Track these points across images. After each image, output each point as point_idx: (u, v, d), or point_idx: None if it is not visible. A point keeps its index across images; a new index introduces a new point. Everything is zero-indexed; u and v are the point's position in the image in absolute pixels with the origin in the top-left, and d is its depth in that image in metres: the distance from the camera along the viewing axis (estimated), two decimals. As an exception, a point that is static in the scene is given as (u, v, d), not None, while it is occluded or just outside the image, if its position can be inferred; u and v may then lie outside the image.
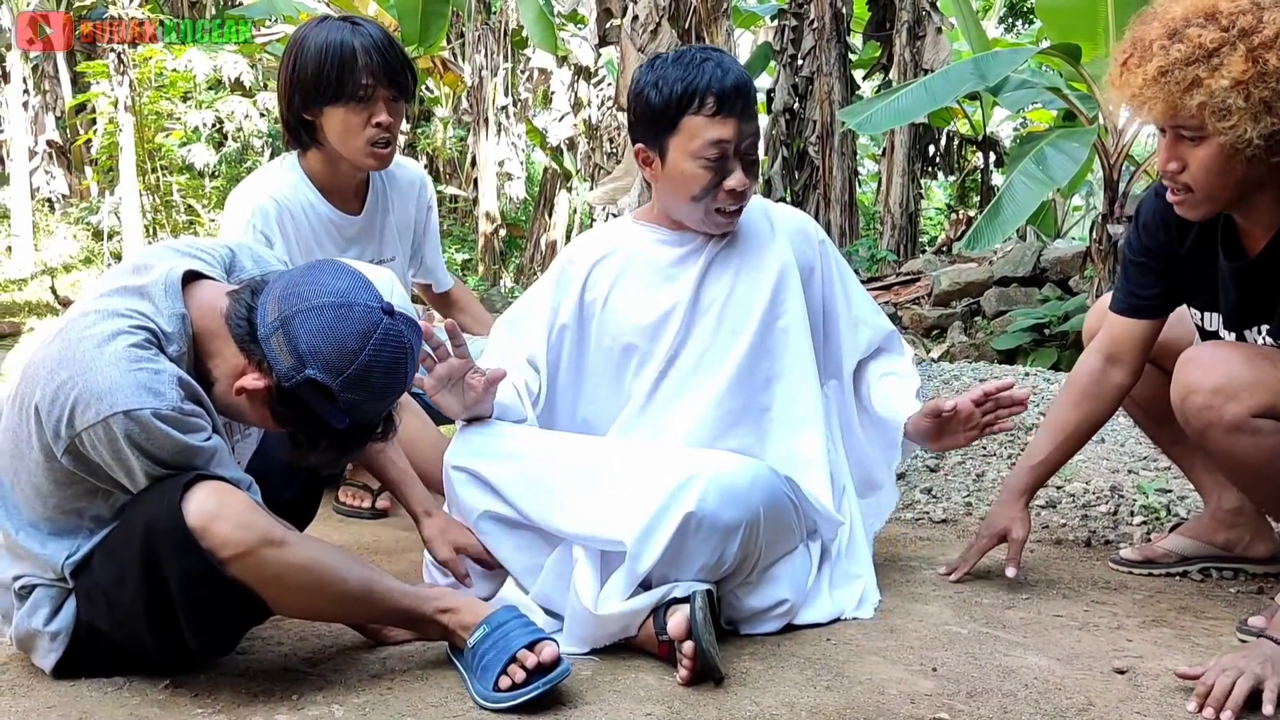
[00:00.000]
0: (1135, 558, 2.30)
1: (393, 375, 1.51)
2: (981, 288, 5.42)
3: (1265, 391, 1.80)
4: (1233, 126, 1.65)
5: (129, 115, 11.70)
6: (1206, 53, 1.65)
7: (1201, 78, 1.65)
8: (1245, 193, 1.77)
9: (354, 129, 2.39)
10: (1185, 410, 1.85)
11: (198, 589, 1.48)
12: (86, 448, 1.47)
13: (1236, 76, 1.63)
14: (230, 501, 1.47)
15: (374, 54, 2.34)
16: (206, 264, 1.64)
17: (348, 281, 1.49)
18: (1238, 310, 1.93)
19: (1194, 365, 1.86)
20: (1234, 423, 1.79)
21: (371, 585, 1.62)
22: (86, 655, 1.63)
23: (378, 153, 2.43)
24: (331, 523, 2.61)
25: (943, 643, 1.86)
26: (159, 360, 1.48)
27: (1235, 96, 1.63)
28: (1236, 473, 1.93)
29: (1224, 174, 1.73)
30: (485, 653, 1.58)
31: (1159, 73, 1.69)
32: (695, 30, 7.26)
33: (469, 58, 13.69)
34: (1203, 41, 1.66)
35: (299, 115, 2.42)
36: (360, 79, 2.34)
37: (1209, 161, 1.72)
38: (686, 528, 1.72)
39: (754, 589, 1.86)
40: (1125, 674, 1.72)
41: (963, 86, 4.62)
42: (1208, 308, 2.00)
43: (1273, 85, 1.63)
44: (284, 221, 2.46)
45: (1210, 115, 1.66)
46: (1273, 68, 1.63)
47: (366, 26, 2.38)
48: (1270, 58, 1.63)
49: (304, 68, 2.36)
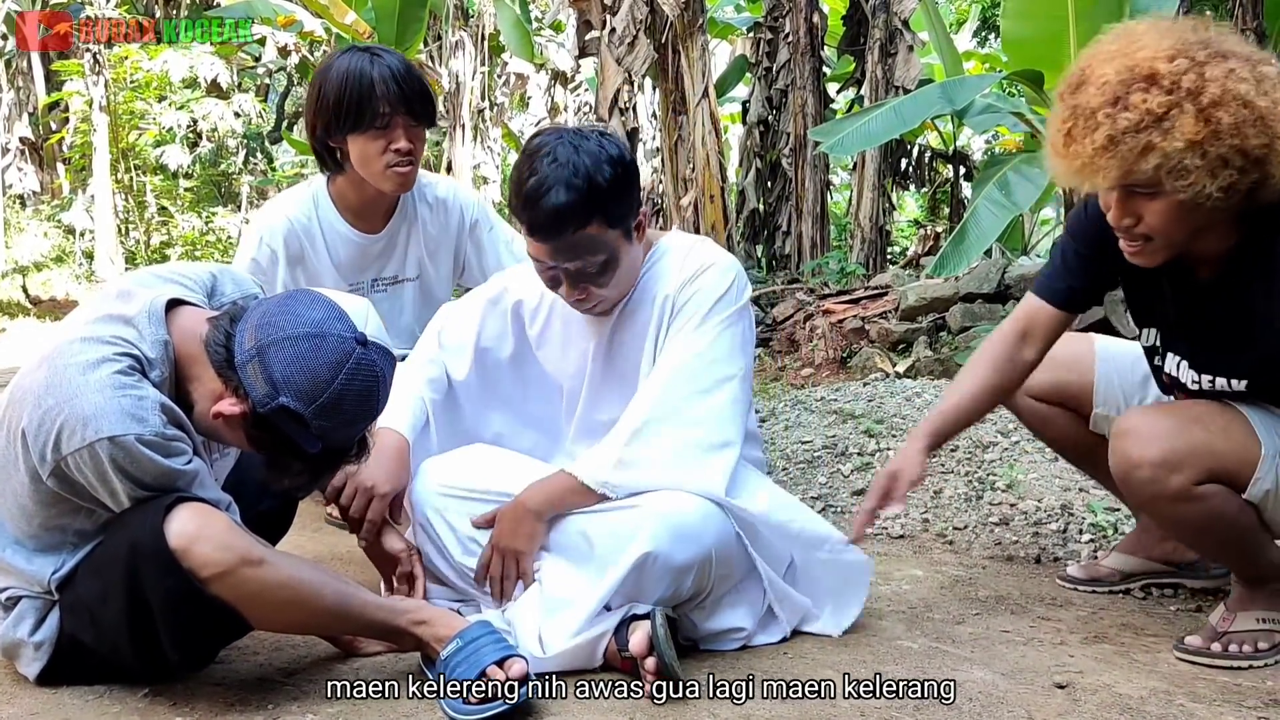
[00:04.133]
0: (1081, 576, 2.39)
1: (364, 403, 1.58)
2: (947, 303, 5.51)
3: (1204, 458, 1.85)
4: (1191, 184, 1.65)
5: (103, 115, 11.66)
6: (1156, 117, 1.64)
7: (1155, 142, 1.64)
8: (1199, 234, 1.79)
9: (374, 154, 2.50)
10: (1130, 483, 1.89)
11: (179, 608, 1.54)
12: (72, 471, 1.53)
13: (1190, 138, 1.63)
14: (211, 523, 1.53)
15: (391, 84, 2.45)
16: (188, 289, 1.70)
17: (322, 312, 1.56)
18: (1170, 335, 1.99)
19: (1134, 438, 1.88)
20: (1179, 493, 1.84)
21: (347, 600, 1.69)
22: (69, 665, 1.69)
23: (398, 174, 2.53)
24: (306, 533, 2.67)
25: (894, 656, 1.94)
26: (142, 386, 1.54)
27: (1192, 157, 1.63)
28: (1183, 535, 1.99)
29: (1183, 223, 1.74)
30: (457, 665, 1.65)
31: (1109, 141, 1.67)
32: (671, 43, 7.36)
33: (446, 62, 13.71)
34: (1150, 107, 1.64)
35: (324, 142, 2.55)
36: (378, 108, 2.45)
37: (1167, 214, 1.72)
38: (642, 565, 1.79)
39: (710, 615, 1.93)
40: (1065, 689, 1.81)
41: (930, 110, 4.74)
42: (1152, 324, 2.04)
43: (1228, 141, 1.63)
44: (294, 241, 2.61)
45: (1167, 176, 1.66)
46: (1226, 125, 1.63)
47: (386, 57, 2.50)
48: (1222, 115, 1.62)
49: (326, 97, 2.49)
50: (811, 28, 8.42)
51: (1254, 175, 1.67)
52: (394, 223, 2.71)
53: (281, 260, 2.60)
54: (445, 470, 2.02)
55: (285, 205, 2.65)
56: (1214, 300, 1.88)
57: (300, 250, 2.63)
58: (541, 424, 2.18)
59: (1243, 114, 1.62)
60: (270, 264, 2.62)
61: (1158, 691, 1.81)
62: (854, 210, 8.52)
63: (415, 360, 2.13)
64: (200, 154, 13.14)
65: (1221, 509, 1.87)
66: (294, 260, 2.63)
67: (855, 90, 9.54)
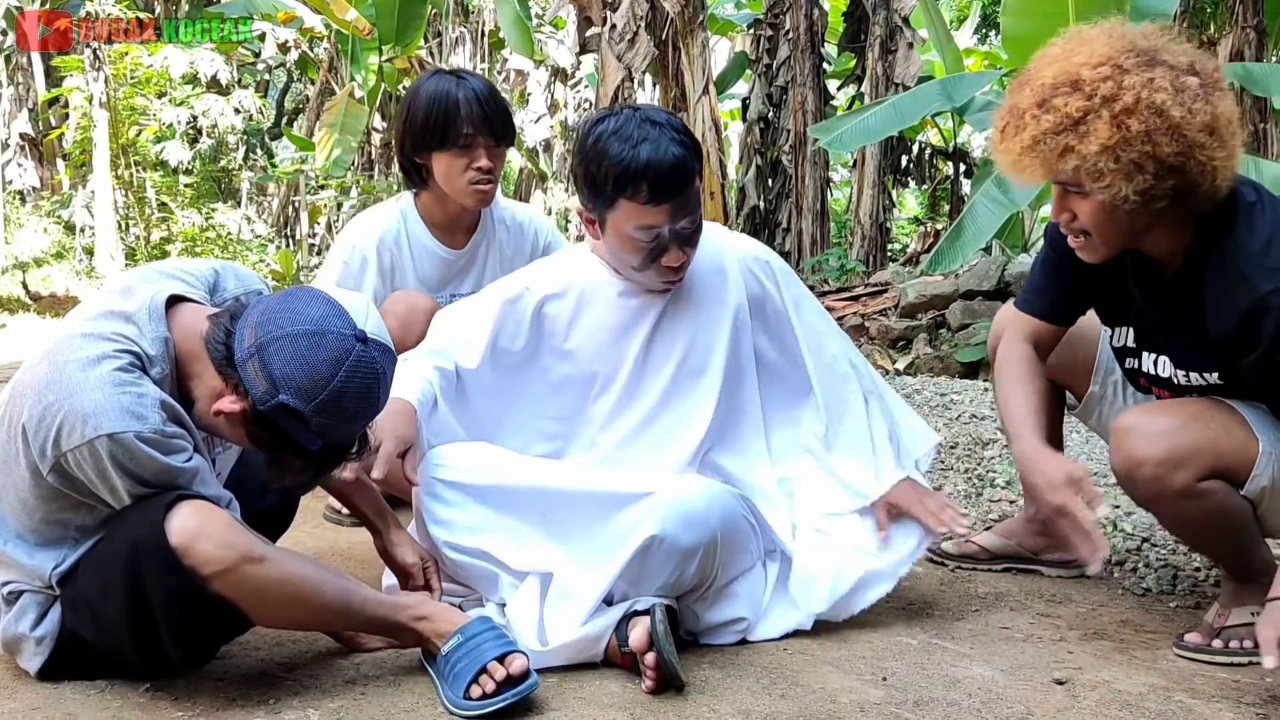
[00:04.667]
0: (953, 552, 2.48)
1: (364, 400, 1.58)
2: (947, 300, 5.52)
3: (1206, 456, 1.86)
4: (1107, 186, 1.73)
5: (103, 111, 11.66)
6: (1073, 121, 1.72)
7: (1072, 145, 1.73)
8: (1139, 233, 1.85)
9: (456, 172, 2.63)
10: (1134, 480, 1.90)
11: (181, 605, 1.54)
12: (72, 467, 1.53)
13: (1104, 142, 1.70)
14: (212, 520, 1.54)
15: (475, 105, 2.58)
16: (190, 286, 1.70)
17: (322, 309, 1.55)
18: (1144, 333, 2.02)
19: (1137, 435, 1.89)
20: (1182, 490, 1.85)
21: (349, 596, 1.69)
22: (70, 660, 1.69)
23: (479, 191, 2.65)
24: (307, 529, 2.67)
25: (893, 653, 1.94)
26: (142, 383, 1.54)
27: (1105, 160, 1.71)
28: (1183, 531, 1.99)
29: (1112, 223, 1.81)
30: (457, 661, 1.65)
31: (1032, 141, 1.77)
32: (672, 40, 7.36)
33: (446, 59, 13.71)
34: (1069, 111, 1.73)
35: (411, 158, 2.68)
36: (462, 128, 2.58)
37: (1095, 213, 1.80)
38: (648, 549, 1.80)
39: (711, 605, 1.94)
40: (1064, 685, 1.82)
41: (930, 106, 4.74)
42: (1124, 324, 2.07)
43: (1139, 148, 1.70)
44: (385, 252, 2.74)
45: (1085, 177, 1.75)
46: (1135, 132, 1.69)
47: (471, 80, 2.64)
48: (1132, 123, 1.69)
49: (415, 117, 2.63)
50: (812, 24, 8.42)
51: (1171, 182, 1.73)
52: (475, 240, 2.83)
53: (372, 267, 2.73)
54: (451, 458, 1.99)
55: (377, 218, 2.78)
56: (1179, 295, 1.91)
57: (390, 263, 2.75)
58: (557, 419, 2.16)
59: (1155, 122, 1.69)
60: (360, 270, 2.73)
61: (1156, 688, 1.81)
62: (854, 207, 8.53)
63: (421, 352, 2.11)
64: (200, 150, 13.14)
65: (1222, 505, 1.88)
66: (384, 271, 2.75)
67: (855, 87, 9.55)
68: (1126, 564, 2.54)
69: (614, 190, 1.92)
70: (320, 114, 12.83)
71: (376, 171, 14.06)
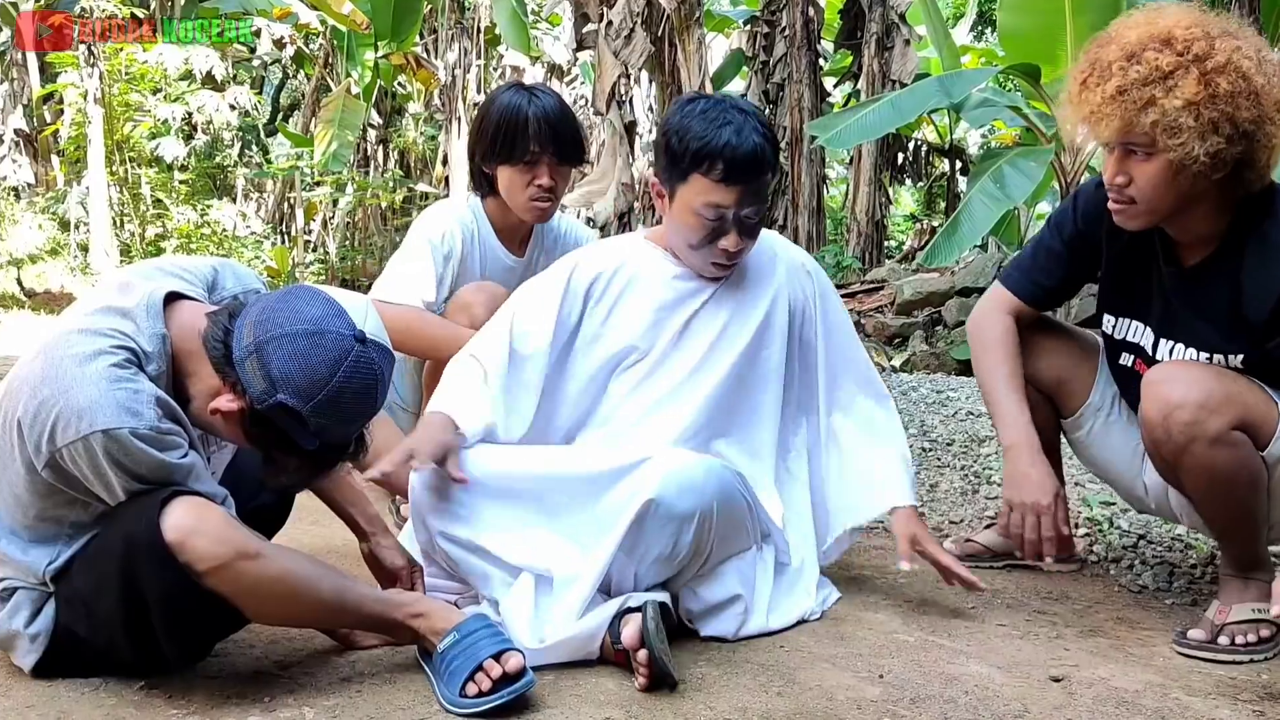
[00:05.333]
0: (955, 551, 2.47)
1: (362, 400, 1.57)
2: (943, 297, 5.52)
3: (1238, 406, 1.90)
4: (1182, 144, 1.79)
5: (98, 107, 11.63)
6: (1163, 74, 1.80)
7: (1157, 97, 1.79)
8: (1183, 206, 1.91)
9: (518, 186, 2.68)
10: (1170, 425, 1.90)
11: (175, 601, 1.53)
12: (67, 463, 1.53)
13: (1189, 98, 1.78)
14: (207, 516, 1.53)
15: (544, 124, 2.63)
16: (188, 283, 1.70)
17: (321, 309, 1.55)
18: (1166, 320, 2.04)
19: (1173, 383, 1.92)
20: (1217, 435, 1.87)
21: (344, 593, 1.69)
22: (65, 656, 1.68)
23: (538, 207, 2.71)
24: (303, 526, 2.66)
25: (890, 650, 1.94)
26: (138, 380, 1.54)
27: (1186, 116, 1.78)
28: (1209, 487, 1.96)
29: (1169, 188, 1.86)
30: (454, 659, 1.65)
31: (1117, 91, 1.83)
32: (668, 36, 7.35)
33: (442, 54, 13.69)
34: (1159, 64, 1.80)
35: (479, 166, 2.76)
36: (529, 145, 2.63)
37: (1156, 176, 1.86)
38: (645, 514, 1.82)
39: (707, 581, 1.95)
40: (1060, 682, 1.82)
41: (927, 103, 4.74)
42: (1134, 316, 2.10)
43: (1220, 107, 1.77)
44: (466, 245, 2.76)
45: (1162, 133, 1.80)
46: (1223, 91, 1.77)
47: (543, 98, 2.68)
48: (1221, 82, 1.77)
49: (486, 129, 2.69)
50: (808, 21, 8.41)
51: (1239, 148, 1.81)
52: (531, 248, 2.88)
53: (456, 257, 2.72)
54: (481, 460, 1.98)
55: (455, 209, 2.80)
56: (1213, 276, 1.96)
57: (464, 252, 2.75)
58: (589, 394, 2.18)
59: (1240, 85, 1.78)
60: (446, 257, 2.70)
61: (1153, 685, 1.81)
62: (850, 204, 8.53)
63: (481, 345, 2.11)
64: (195, 146, 13.11)
65: (1248, 460, 1.91)
66: (459, 264, 2.74)
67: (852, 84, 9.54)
68: (1123, 561, 2.54)
69: (690, 164, 1.99)
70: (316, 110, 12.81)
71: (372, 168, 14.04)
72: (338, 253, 13.31)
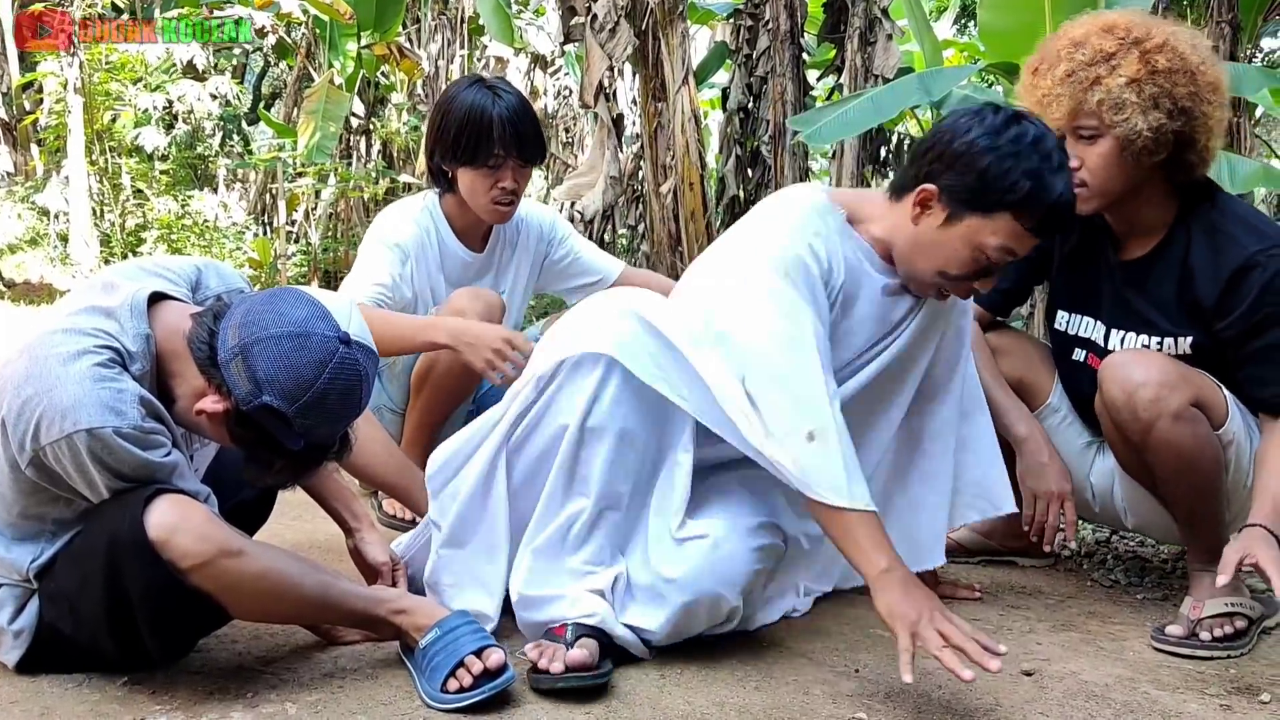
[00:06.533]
0: None
1: (347, 401, 1.59)
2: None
3: (1193, 385, 1.99)
4: (1127, 119, 1.96)
5: (78, 96, 11.55)
6: (1106, 55, 1.99)
7: (1101, 76, 1.98)
8: (1131, 190, 2.06)
9: (481, 189, 2.65)
10: (1135, 402, 1.97)
11: (159, 599, 1.55)
12: (50, 461, 1.54)
13: (1131, 75, 1.96)
14: (190, 514, 1.54)
15: (509, 126, 2.58)
16: (173, 283, 1.71)
17: (306, 310, 1.56)
18: (1117, 311, 2.15)
19: (1131, 365, 2.01)
20: (1179, 410, 1.95)
21: (327, 589, 1.70)
22: (49, 652, 1.69)
23: (500, 210, 2.69)
24: (285, 520, 2.68)
25: (866, 645, 1.97)
26: (122, 379, 1.55)
27: (1129, 92, 1.96)
28: (1176, 462, 2.00)
29: (1117, 168, 2.02)
30: (435, 654, 1.66)
31: (1066, 74, 2.02)
32: (652, 30, 7.35)
33: (425, 45, 13.63)
34: (1103, 47, 1.99)
35: (439, 165, 2.71)
36: (493, 149, 2.59)
37: (1105, 157, 2.02)
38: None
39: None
40: (1032, 676, 1.85)
41: (908, 101, 4.76)
42: (1086, 311, 2.21)
43: (1160, 83, 1.96)
44: (420, 247, 2.73)
45: (1108, 110, 1.98)
46: (1161, 67, 1.96)
47: (506, 97, 2.62)
48: (1159, 59, 1.96)
49: (448, 129, 2.63)
50: (792, 15, 8.41)
51: (1178, 123, 1.98)
52: (491, 244, 2.87)
53: (411, 260, 2.70)
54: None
55: (409, 212, 2.77)
56: (1155, 268, 2.10)
57: (419, 255, 2.73)
58: None
59: (1177, 62, 1.97)
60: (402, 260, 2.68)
61: (1123, 679, 1.85)
62: (833, 199, 8.54)
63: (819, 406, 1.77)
64: (176, 136, 13.03)
65: (1210, 436, 1.99)
66: (415, 265, 2.72)
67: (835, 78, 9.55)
68: (1095, 556, 2.58)
69: (1009, 202, 1.75)
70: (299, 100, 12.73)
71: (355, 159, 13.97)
72: (320, 244, 13.25)
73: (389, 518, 2.76)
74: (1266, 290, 1.96)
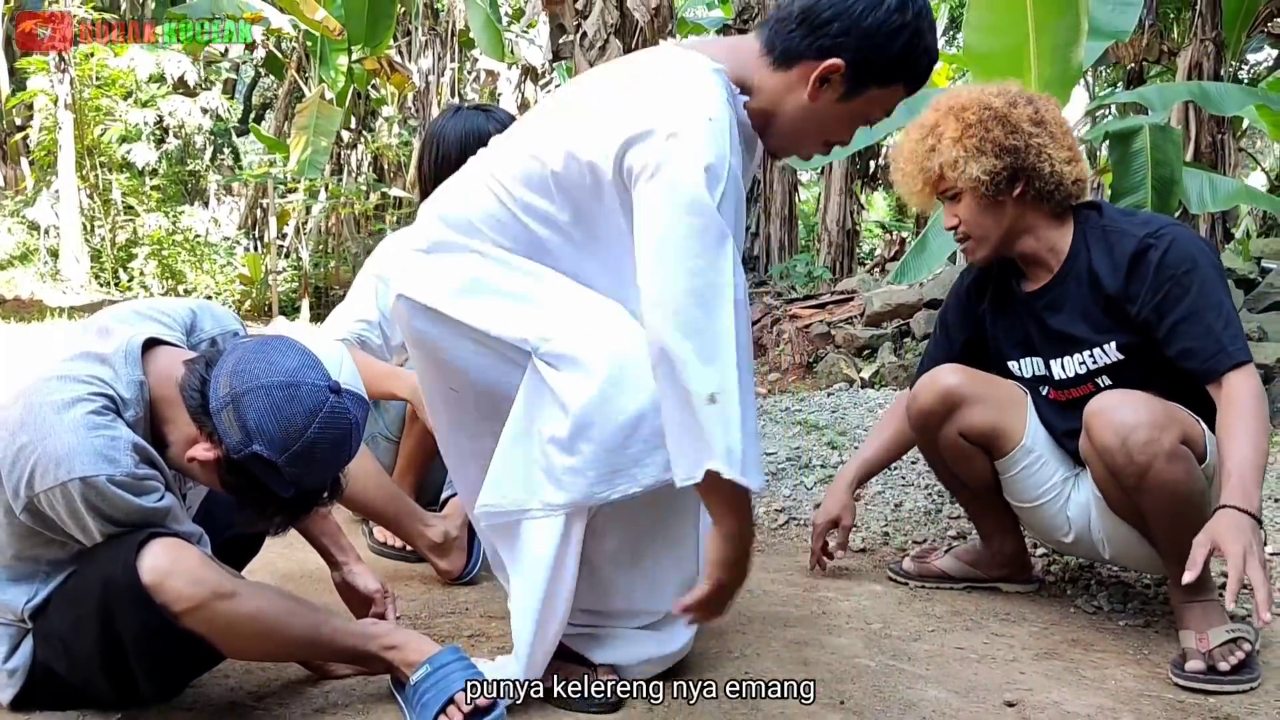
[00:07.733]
0: (912, 571, 2.65)
1: (337, 450, 1.61)
2: (912, 309, 5.59)
3: (1178, 422, 2.03)
4: (964, 172, 2.20)
5: (69, 112, 11.55)
6: (932, 128, 2.26)
7: (934, 145, 2.24)
8: (1011, 228, 2.25)
9: None
10: (1129, 446, 1.99)
11: (152, 642, 1.57)
12: (45, 508, 1.56)
13: (953, 135, 2.21)
14: (182, 558, 1.56)
15: None
16: (167, 327, 1.73)
17: (297, 360, 1.59)
18: (1045, 342, 2.26)
19: (1119, 409, 2.03)
20: (1171, 450, 1.99)
21: (319, 628, 1.72)
22: (42, 691, 1.71)
23: None
24: (276, 550, 2.69)
25: (851, 675, 2.00)
26: (116, 426, 1.57)
27: (956, 149, 2.20)
28: (1170, 502, 2.01)
29: (985, 214, 2.24)
30: (425, 691, 1.69)
31: (909, 156, 2.30)
32: (641, 47, 7.39)
33: (415, 59, 13.67)
34: (929, 124, 2.27)
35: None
36: None
37: (969, 208, 2.25)
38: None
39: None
40: (1015, 707, 1.88)
41: (894, 122, 4.79)
42: (1026, 353, 2.32)
43: (975, 133, 2.19)
44: None
45: (949, 169, 2.22)
46: (973, 120, 2.20)
47: (498, 114, 2.62)
48: (969, 115, 2.21)
49: (447, 155, 2.60)
50: (780, 31, 8.48)
51: (1009, 159, 2.18)
52: None
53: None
54: None
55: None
56: (1065, 288, 2.23)
57: None
58: None
59: (984, 114, 2.20)
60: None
61: (1104, 709, 1.88)
62: (821, 214, 8.60)
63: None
64: (167, 151, 13.04)
65: (1197, 471, 2.03)
66: None
67: (824, 93, 9.59)
68: (1079, 582, 2.61)
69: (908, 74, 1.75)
70: (290, 115, 12.76)
71: (345, 173, 13.98)
72: (311, 259, 13.25)
73: (380, 545, 2.78)
74: (1162, 266, 2.08)
